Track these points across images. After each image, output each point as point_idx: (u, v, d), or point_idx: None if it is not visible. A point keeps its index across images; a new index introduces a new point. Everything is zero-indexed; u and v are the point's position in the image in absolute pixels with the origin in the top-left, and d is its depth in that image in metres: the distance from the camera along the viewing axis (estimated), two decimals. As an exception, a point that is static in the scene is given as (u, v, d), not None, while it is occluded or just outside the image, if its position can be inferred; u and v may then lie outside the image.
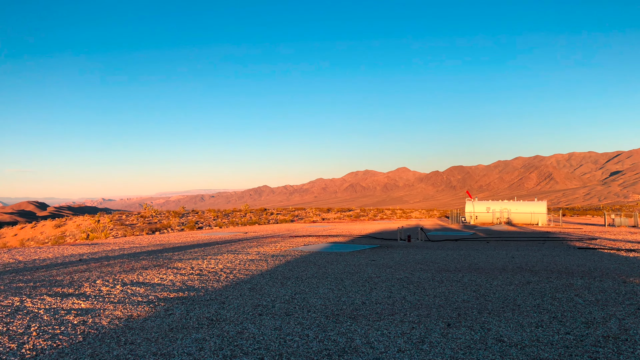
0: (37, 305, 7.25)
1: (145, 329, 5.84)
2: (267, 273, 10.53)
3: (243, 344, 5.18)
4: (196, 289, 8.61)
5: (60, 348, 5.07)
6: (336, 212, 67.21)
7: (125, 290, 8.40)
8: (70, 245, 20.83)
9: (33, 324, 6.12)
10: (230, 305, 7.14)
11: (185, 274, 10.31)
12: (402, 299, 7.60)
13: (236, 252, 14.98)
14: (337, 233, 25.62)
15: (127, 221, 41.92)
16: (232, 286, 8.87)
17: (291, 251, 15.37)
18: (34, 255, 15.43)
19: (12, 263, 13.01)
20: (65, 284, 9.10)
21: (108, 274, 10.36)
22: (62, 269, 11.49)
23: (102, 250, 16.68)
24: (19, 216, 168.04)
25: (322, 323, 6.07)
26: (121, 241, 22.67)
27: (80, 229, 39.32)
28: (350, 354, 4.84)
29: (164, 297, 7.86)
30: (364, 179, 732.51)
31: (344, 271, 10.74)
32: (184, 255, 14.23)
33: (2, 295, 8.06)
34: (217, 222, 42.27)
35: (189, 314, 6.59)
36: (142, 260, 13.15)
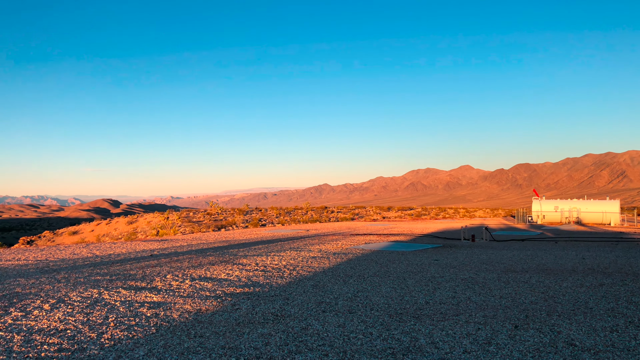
0: (113, 297, 7.67)
1: (213, 322, 6.06)
2: (329, 270, 10.62)
3: (307, 340, 5.27)
4: (261, 284, 8.82)
5: (136, 339, 5.35)
6: (397, 210, 66.57)
7: (194, 285, 8.73)
8: (142, 241, 21.80)
9: (110, 315, 6.49)
10: (294, 302, 7.27)
11: (250, 270, 10.57)
12: (467, 300, 7.47)
13: (299, 250, 15.19)
14: (398, 232, 25.39)
15: (194, 218, 43.34)
16: (296, 283, 9.01)
17: (352, 249, 15.40)
18: (109, 250, 16.29)
19: (90, 257, 13.79)
20: (139, 278, 9.57)
21: (177, 269, 10.80)
22: (135, 263, 12.08)
23: (172, 246, 17.36)
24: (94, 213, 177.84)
25: (385, 322, 6.07)
26: (189, 237, 23.49)
27: (150, 225, 41.03)
28: (415, 353, 4.82)
29: (231, 292, 8.11)
30: (425, 177, 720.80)
31: (407, 270, 10.66)
32: (248, 252, 14.58)
33: (82, 287, 8.58)
34: (280, 220, 42.93)
35: (254, 309, 6.77)
36: (209, 256, 13.60)
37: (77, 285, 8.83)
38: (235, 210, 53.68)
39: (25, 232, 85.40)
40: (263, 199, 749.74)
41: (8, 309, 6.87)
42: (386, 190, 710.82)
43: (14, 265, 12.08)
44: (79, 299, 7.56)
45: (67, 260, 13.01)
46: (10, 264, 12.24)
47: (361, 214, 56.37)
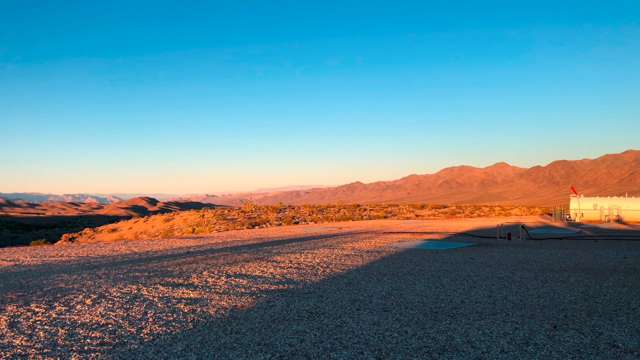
0: (151, 293, 7.85)
1: (249, 319, 6.14)
2: (362, 268, 10.61)
3: (342, 337, 5.29)
4: (295, 282, 8.89)
5: (174, 334, 5.47)
6: (430, 208, 65.89)
7: (229, 282, 8.86)
8: (178, 238, 22.22)
9: (149, 310, 6.65)
10: (328, 299, 7.30)
11: (284, 267, 10.65)
12: (504, 299, 7.36)
13: (332, 247, 15.22)
14: (432, 230, 25.15)
15: (229, 216, 43.89)
16: (329, 280, 9.04)
17: (386, 247, 15.34)
18: (147, 247, 16.66)
19: (128, 254, 14.14)
20: (176, 275, 9.77)
21: (213, 266, 10.97)
22: (172, 260, 12.33)
23: (207, 244, 17.64)
24: (132, 211, 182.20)
25: (420, 320, 6.04)
26: (224, 235, 23.81)
27: (186, 223, 41.75)
28: (451, 353, 4.78)
29: (265, 289, 8.19)
30: (459, 174, 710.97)
31: (441, 269, 10.56)
32: (282, 249, 14.69)
33: (121, 283, 8.82)
34: (312, 218, 43.08)
35: (289, 306, 6.83)
36: (243, 253, 13.76)
37: (117, 281, 9.07)
38: (269, 208, 54.11)
39: (67, 229, 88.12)
40: (296, 197, 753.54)
41: (52, 303, 7.11)
42: (419, 188, 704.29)
43: (58, 261, 12.49)
44: (119, 294, 7.77)
45: (107, 257, 13.37)
46: (54, 260, 12.66)
47: (394, 212, 56.04)
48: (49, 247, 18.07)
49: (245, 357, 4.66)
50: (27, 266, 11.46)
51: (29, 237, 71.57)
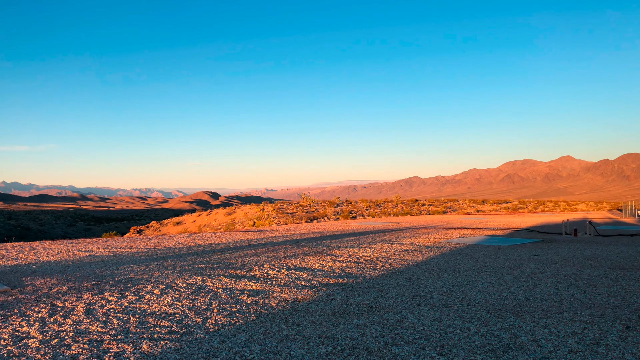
0: (216, 285, 8.11)
1: (309, 311, 6.23)
2: (422, 264, 10.50)
3: (403, 332, 5.27)
4: (354, 276, 8.92)
5: (238, 325, 5.63)
6: (492, 204, 64.12)
7: (289, 275, 9.01)
8: (239, 231, 22.76)
9: (214, 301, 6.87)
10: (388, 294, 7.28)
11: (343, 261, 10.71)
12: (571, 297, 7.09)
13: (390, 242, 15.14)
14: (494, 226, 24.49)
15: (288, 210, 44.49)
16: (389, 275, 9.01)
17: (446, 243, 15.10)
18: (210, 240, 17.18)
19: (193, 246, 14.64)
20: (238, 267, 10.03)
21: (274, 259, 11.18)
22: (234, 252, 12.66)
23: (267, 237, 17.98)
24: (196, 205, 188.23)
25: (483, 317, 5.92)
26: (283, 228, 24.17)
27: (247, 216, 42.66)
28: (516, 351, 4.67)
29: (325, 282, 8.28)
30: (522, 169, 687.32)
31: (504, 265, 10.29)
32: (340, 243, 14.76)
33: (187, 274, 9.16)
34: (370, 212, 42.96)
35: (349, 300, 6.87)
36: (303, 246, 13.94)
37: (182, 272, 9.43)
38: (326, 202, 54.40)
39: (135, 222, 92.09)
40: (353, 192, 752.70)
41: (124, 292, 7.49)
42: (480, 183, 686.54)
43: (127, 252, 13.11)
44: (184, 285, 8.07)
45: (172, 249, 13.90)
46: (123, 252, 13.30)
47: (454, 207, 54.96)
48: (119, 239, 18.98)
49: (307, 349, 4.74)
50: (100, 257, 12.10)
51: (100, 229, 75.38)
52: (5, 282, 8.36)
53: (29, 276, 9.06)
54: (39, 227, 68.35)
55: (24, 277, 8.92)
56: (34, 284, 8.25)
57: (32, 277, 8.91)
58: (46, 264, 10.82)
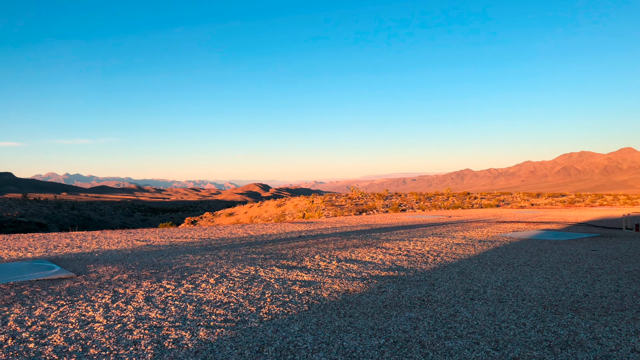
0: (268, 275, 8.26)
1: (361, 303, 6.26)
2: (475, 258, 10.33)
3: (457, 326, 5.22)
4: (405, 269, 8.87)
5: (290, 314, 5.73)
6: (547, 197, 62.02)
7: (340, 266, 9.06)
8: (290, 222, 23.02)
9: (267, 291, 7.01)
10: (440, 288, 7.22)
11: (394, 254, 10.67)
12: (633, 294, 6.80)
13: (441, 236, 14.94)
14: (549, 220, 23.72)
15: (337, 202, 44.60)
16: (441, 269, 8.92)
17: (499, 237, 14.76)
18: (261, 230, 17.48)
19: (245, 237, 14.94)
20: (289, 258, 10.18)
21: (324, 250, 11.27)
22: (285, 244, 12.84)
23: (317, 229, 18.11)
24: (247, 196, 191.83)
25: (539, 313, 5.78)
26: (332, 220, 24.27)
27: (296, 208, 43.06)
28: (574, 348, 4.54)
29: (376, 275, 8.28)
30: (579, 161, 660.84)
31: (560, 260, 9.97)
32: (390, 236, 14.70)
33: (240, 264, 9.37)
34: (420, 205, 42.48)
35: (400, 293, 6.85)
36: (352, 239, 13.97)
37: (236, 262, 9.65)
38: (375, 195, 54.15)
39: (189, 213, 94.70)
40: (402, 184, 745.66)
41: (181, 281, 7.75)
42: (534, 176, 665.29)
43: (183, 242, 13.53)
44: (238, 275, 8.26)
45: (226, 239, 14.23)
46: (179, 242, 13.73)
47: (507, 201, 53.54)
48: (174, 229, 19.59)
49: (360, 340, 4.77)
50: (157, 246, 12.54)
51: (156, 220, 77.99)
52: (71, 269, 8.82)
53: (92, 264, 9.51)
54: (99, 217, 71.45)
55: (88, 265, 9.38)
56: (97, 271, 8.66)
57: (95, 265, 9.35)
58: (107, 252, 11.31)
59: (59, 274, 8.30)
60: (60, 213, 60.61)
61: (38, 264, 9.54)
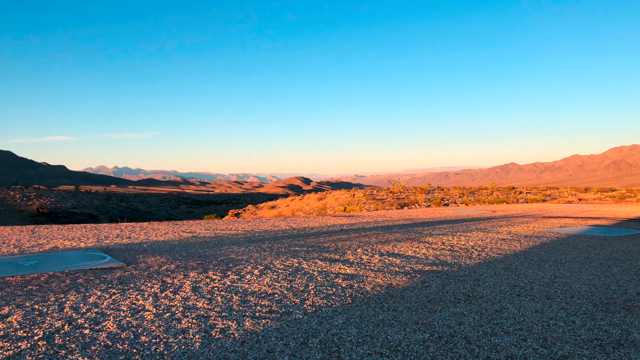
0: (311, 267, 8.33)
1: (404, 297, 6.24)
2: (521, 254, 10.11)
3: (503, 323, 5.14)
4: (449, 264, 8.78)
5: (334, 307, 5.77)
6: (595, 192, 59.86)
7: (383, 260, 9.04)
8: (331, 216, 23.08)
9: (310, 283, 7.08)
10: (485, 283, 7.11)
11: (437, 249, 10.56)
12: (692, 295, 6.52)
13: (486, 231, 14.68)
14: (598, 215, 22.91)
15: (378, 196, 44.41)
16: (485, 264, 8.78)
17: (546, 232, 14.38)
18: (303, 223, 17.61)
19: (288, 230, 15.09)
20: (332, 251, 10.22)
21: (366, 244, 11.27)
22: (327, 237, 12.90)
23: (359, 222, 18.10)
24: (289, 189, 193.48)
25: (589, 311, 5.62)
26: (374, 214, 24.20)
27: (338, 202, 43.13)
28: (627, 348, 4.40)
29: (419, 269, 8.23)
30: (630, 154, 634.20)
31: (611, 257, 9.64)
32: (433, 231, 14.55)
33: (284, 256, 9.48)
34: (463, 200, 41.80)
35: (444, 288, 6.79)
36: (395, 233, 13.90)
37: (279, 254, 9.77)
38: (417, 189, 53.59)
39: (232, 205, 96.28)
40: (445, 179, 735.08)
41: (226, 272, 7.92)
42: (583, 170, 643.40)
43: (227, 234, 13.79)
44: (282, 267, 8.37)
45: (269, 232, 14.42)
46: (224, 233, 14.00)
47: (553, 196, 52.02)
48: (219, 221, 19.97)
49: (404, 334, 4.77)
50: (203, 238, 12.82)
51: (201, 212, 79.68)
52: (121, 259, 9.14)
53: (141, 254, 9.82)
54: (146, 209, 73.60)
55: (137, 255, 9.69)
56: (146, 261, 8.94)
57: (144, 255, 9.66)
58: (155, 243, 11.65)
59: (110, 263, 8.62)
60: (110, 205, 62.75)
61: (91, 253, 9.93)
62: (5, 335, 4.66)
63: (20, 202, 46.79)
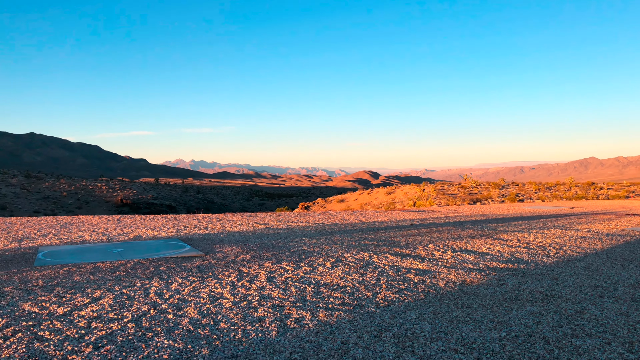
0: (382, 261, 8.35)
1: (479, 295, 6.14)
2: (602, 253, 9.62)
3: (585, 324, 4.95)
4: (525, 261, 8.52)
5: (406, 302, 5.78)
6: (691, 188, 55.50)
7: (455, 256, 8.91)
8: (400, 210, 22.92)
9: (381, 277, 7.11)
10: (564, 283, 6.85)
11: (512, 246, 10.26)
12: None
13: (564, 228, 14.07)
14: (695, 214, 21.27)
15: (449, 191, 43.53)
16: (564, 263, 8.44)
17: (630, 231, 13.57)
18: (372, 218, 17.61)
19: (357, 224, 15.16)
20: (402, 246, 10.18)
21: (437, 240, 11.12)
22: (397, 231, 12.85)
23: (429, 217, 17.87)
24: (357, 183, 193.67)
25: (681, 316, 5.29)
26: (445, 210, 23.78)
27: (407, 196, 42.69)
28: None
29: (494, 266, 8.04)
30: None
31: None
32: (508, 227, 14.12)
33: (354, 250, 9.56)
34: (539, 195, 40.13)
35: (521, 286, 6.61)
36: (467, 229, 13.62)
37: (350, 247, 9.86)
38: (490, 184, 51.99)
39: (302, 199, 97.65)
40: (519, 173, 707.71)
41: (299, 263, 8.10)
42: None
43: (298, 226, 14.05)
44: (353, 260, 8.45)
45: (338, 225, 14.55)
46: (295, 225, 14.28)
47: (638, 192, 48.82)
48: (290, 213, 20.38)
49: (479, 332, 4.71)
50: (275, 229, 13.15)
51: (272, 204, 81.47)
52: (200, 248, 9.56)
53: (218, 244, 10.23)
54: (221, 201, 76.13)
55: (214, 245, 10.11)
56: (223, 251, 9.31)
57: (221, 245, 10.06)
58: (231, 234, 12.09)
59: (190, 252, 9.05)
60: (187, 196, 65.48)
61: (171, 242, 10.47)
62: (98, 316, 5.04)
63: (106, 193, 49.85)
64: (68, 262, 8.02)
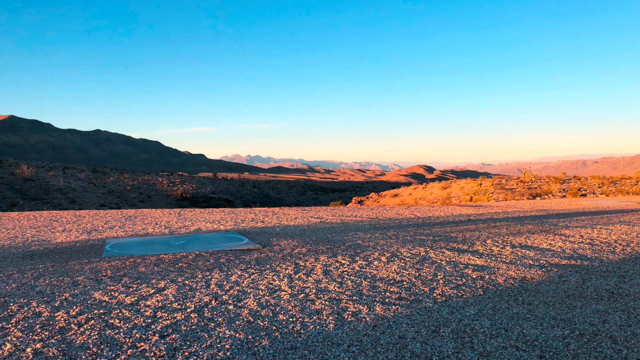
0: (439, 257, 8.26)
1: (540, 291, 5.98)
2: (676, 251, 9.13)
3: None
4: (589, 258, 8.21)
5: (465, 298, 5.71)
6: None
7: (515, 252, 8.69)
8: (456, 205, 22.51)
9: (438, 272, 7.04)
10: (632, 281, 6.56)
11: (575, 242, 9.90)
12: None
13: (630, 224, 13.41)
14: None
15: (507, 185, 42.34)
16: (632, 260, 8.07)
17: None
18: (428, 212, 17.40)
19: (412, 218, 15.03)
20: (459, 241, 10.03)
21: (496, 235, 10.88)
22: (453, 226, 12.65)
23: (487, 212, 17.47)
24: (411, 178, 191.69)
25: None
26: (503, 204, 23.17)
27: (463, 191, 41.87)
28: None
29: (555, 263, 7.80)
30: None
31: None
32: (570, 223, 13.61)
33: (410, 245, 9.50)
34: (603, 190, 38.38)
35: (584, 284, 6.38)
36: (527, 224, 13.23)
37: (405, 242, 9.81)
38: (551, 178, 50.14)
39: (355, 193, 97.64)
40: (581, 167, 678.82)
41: (354, 257, 8.14)
42: None
43: (352, 221, 14.09)
44: (408, 255, 8.41)
45: (393, 220, 14.47)
46: (349, 220, 14.32)
47: None
48: (344, 207, 20.44)
49: (541, 329, 4.60)
50: (330, 223, 13.24)
51: (326, 199, 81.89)
52: (257, 241, 9.78)
53: (274, 237, 10.42)
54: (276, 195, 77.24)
55: (271, 238, 10.30)
56: (279, 244, 9.48)
57: (277, 238, 10.24)
58: (286, 227, 12.27)
59: (248, 245, 9.27)
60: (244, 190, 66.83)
61: (230, 235, 10.75)
62: (163, 306, 5.27)
63: (167, 187, 51.63)
64: (133, 253, 8.40)
